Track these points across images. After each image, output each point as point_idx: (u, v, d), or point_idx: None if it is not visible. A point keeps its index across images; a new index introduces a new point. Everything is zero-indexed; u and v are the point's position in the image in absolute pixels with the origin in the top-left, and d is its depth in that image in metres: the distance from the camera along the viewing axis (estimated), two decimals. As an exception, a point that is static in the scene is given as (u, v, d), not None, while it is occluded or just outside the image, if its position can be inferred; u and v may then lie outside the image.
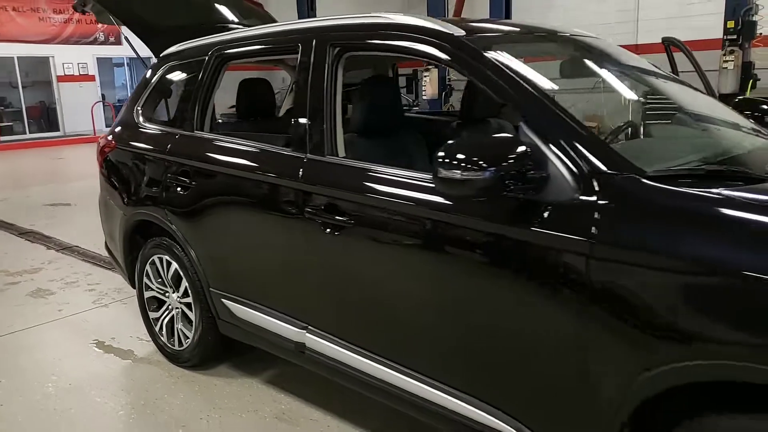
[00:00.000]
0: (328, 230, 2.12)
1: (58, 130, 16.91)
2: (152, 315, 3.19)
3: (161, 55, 3.22)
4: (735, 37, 6.67)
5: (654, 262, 1.42)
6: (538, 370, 1.67)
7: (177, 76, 3.09)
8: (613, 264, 1.48)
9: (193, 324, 2.93)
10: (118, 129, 3.32)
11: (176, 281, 2.98)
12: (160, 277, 3.07)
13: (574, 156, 1.61)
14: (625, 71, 2.47)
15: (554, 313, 1.59)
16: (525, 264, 1.65)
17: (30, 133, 16.51)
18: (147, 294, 3.19)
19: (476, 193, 1.61)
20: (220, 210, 2.64)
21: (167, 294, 3.07)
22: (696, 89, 2.69)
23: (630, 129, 2.41)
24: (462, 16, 9.60)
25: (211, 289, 2.76)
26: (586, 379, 1.56)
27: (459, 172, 1.58)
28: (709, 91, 3.20)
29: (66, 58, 16.66)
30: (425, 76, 9.61)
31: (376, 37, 2.16)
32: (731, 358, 1.31)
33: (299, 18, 11.89)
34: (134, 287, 3.30)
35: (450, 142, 1.62)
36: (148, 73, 3.25)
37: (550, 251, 1.59)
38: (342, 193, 2.09)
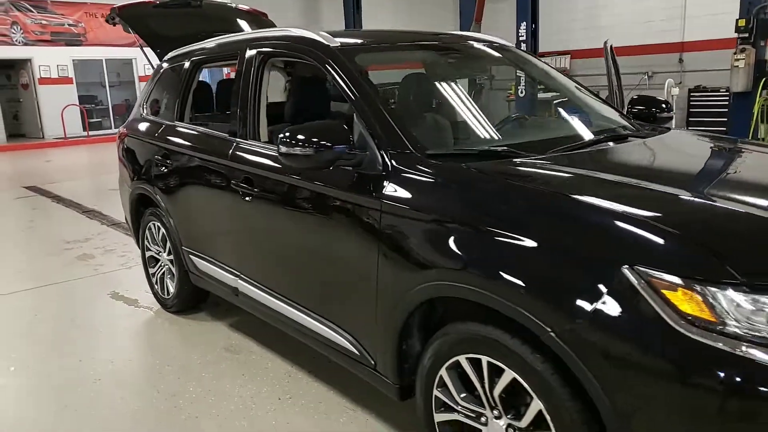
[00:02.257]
0: (244, 198, 2.76)
1: (140, 125, 18.63)
2: (151, 271, 3.96)
3: (162, 60, 3.98)
4: (747, 35, 6.65)
5: (412, 214, 1.95)
6: (357, 290, 2.21)
7: (170, 76, 3.82)
8: (391, 216, 2.02)
9: (175, 276, 3.67)
10: (130, 120, 4.12)
11: (164, 243, 3.72)
12: (155, 239, 3.82)
13: (383, 141, 2.14)
14: (502, 73, 2.93)
15: (367, 253, 2.13)
16: (353, 217, 2.20)
17: (115, 128, 18.27)
18: (147, 254, 3.97)
19: (313, 165, 2.19)
20: (185, 184, 3.34)
21: (160, 253, 3.82)
22: (582, 88, 3.11)
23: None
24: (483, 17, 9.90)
25: (183, 247, 3.48)
26: (384, 294, 2.08)
27: (299, 149, 2.16)
28: (613, 92, 3.57)
29: (146, 60, 18.27)
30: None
31: (282, 47, 2.77)
32: (454, 281, 1.82)
33: (345, 22, 12.65)
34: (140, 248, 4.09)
35: (290, 126, 2.20)
36: (152, 75, 4.02)
37: (364, 208, 2.14)
38: (250, 169, 2.72)
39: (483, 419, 1.87)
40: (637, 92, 12.32)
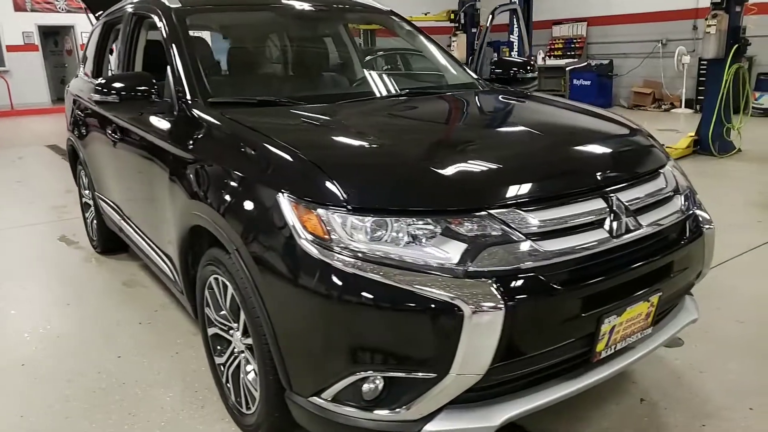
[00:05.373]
0: (114, 144, 3.11)
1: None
2: (85, 215, 4.42)
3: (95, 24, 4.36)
4: (719, 1, 6.41)
5: (186, 151, 2.24)
6: (166, 222, 2.52)
7: (94, 38, 4.19)
8: (173, 154, 2.33)
9: (96, 220, 4.10)
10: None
11: (90, 190, 4.15)
12: (85, 187, 4.26)
13: (179, 90, 2.43)
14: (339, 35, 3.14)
15: (166, 187, 2.42)
16: (158, 156, 2.51)
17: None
18: (83, 200, 4.41)
19: (122, 111, 2.53)
20: (91, 135, 3.73)
21: (91, 200, 4.25)
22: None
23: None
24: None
25: (96, 193, 3.89)
26: (174, 223, 2.40)
27: (111, 97, 2.47)
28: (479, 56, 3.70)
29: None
30: (453, 41, 10.00)
31: (143, 8, 3.06)
32: (192, 210, 2.12)
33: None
34: (81, 197, 4.55)
35: (108, 75, 2.51)
36: (89, 36, 4.41)
37: (160, 148, 2.45)
38: (117, 120, 3.06)
39: (231, 331, 2.17)
40: (650, 60, 11.94)
